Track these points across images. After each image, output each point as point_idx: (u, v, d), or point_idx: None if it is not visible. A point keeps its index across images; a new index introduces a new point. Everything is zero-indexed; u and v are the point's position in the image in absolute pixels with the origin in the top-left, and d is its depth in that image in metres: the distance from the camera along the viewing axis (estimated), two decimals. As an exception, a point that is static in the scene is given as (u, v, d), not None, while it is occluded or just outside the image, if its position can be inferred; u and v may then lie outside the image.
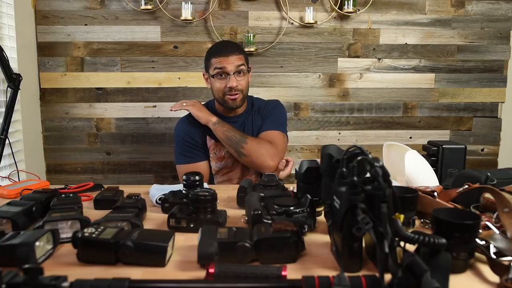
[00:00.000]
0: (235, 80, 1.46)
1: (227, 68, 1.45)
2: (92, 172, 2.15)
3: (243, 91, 1.51)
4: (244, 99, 1.54)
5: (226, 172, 1.56)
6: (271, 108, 1.62)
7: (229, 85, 1.45)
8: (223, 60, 1.45)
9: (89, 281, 0.51)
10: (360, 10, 2.06)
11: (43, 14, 2.01)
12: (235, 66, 1.46)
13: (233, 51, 1.48)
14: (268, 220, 0.75)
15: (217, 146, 1.52)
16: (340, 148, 0.75)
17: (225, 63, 1.45)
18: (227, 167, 1.54)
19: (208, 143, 1.55)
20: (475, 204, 0.89)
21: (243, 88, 1.50)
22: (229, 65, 1.45)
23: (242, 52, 1.53)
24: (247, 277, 0.56)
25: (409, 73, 2.15)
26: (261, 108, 1.62)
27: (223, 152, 1.52)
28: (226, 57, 1.46)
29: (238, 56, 1.48)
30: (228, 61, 1.45)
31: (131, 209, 0.85)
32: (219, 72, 1.46)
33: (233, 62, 1.46)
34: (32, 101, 2.03)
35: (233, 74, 1.45)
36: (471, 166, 2.16)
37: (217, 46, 1.56)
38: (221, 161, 1.53)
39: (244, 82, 1.51)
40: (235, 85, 1.46)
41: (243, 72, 1.49)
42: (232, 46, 1.53)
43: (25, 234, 0.66)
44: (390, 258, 0.50)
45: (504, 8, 2.12)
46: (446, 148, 1.36)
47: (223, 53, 1.47)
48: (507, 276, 0.58)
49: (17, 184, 1.18)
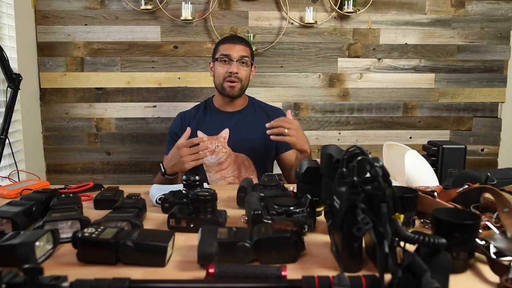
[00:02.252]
0: (237, 67, 1.51)
1: (232, 54, 1.51)
2: (92, 172, 2.15)
3: (242, 81, 1.54)
4: (242, 90, 1.56)
5: (218, 170, 1.53)
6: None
7: (230, 70, 1.50)
8: (230, 46, 1.52)
9: (89, 281, 0.51)
10: (360, 10, 2.06)
11: (43, 14, 2.01)
12: (240, 55, 1.51)
13: (241, 42, 1.56)
14: (268, 220, 0.75)
15: (209, 139, 1.52)
16: (340, 148, 0.75)
17: (230, 50, 1.52)
18: (220, 163, 1.52)
19: (200, 136, 1.54)
20: (475, 204, 0.89)
21: (243, 77, 1.54)
22: (234, 52, 1.51)
23: (249, 46, 1.59)
24: (247, 277, 0.56)
25: (409, 73, 2.15)
26: (268, 113, 1.62)
27: (214, 146, 1.51)
28: (233, 45, 1.53)
29: (244, 47, 1.55)
30: (234, 48, 1.52)
31: (131, 209, 0.85)
32: (223, 57, 1.52)
33: (239, 51, 1.52)
34: (32, 101, 2.03)
35: (236, 61, 1.51)
36: (471, 166, 2.16)
37: (227, 36, 1.65)
38: (211, 155, 1.51)
39: (245, 73, 1.55)
40: (236, 71, 1.50)
41: (246, 63, 1.54)
42: (241, 38, 1.61)
43: (25, 234, 0.66)
44: (390, 258, 0.50)
45: (504, 8, 2.12)
46: (446, 148, 1.36)
47: (231, 41, 1.55)
48: (507, 276, 0.58)
49: (17, 184, 1.18)
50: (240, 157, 1.56)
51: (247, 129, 1.58)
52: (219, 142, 1.52)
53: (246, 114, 1.62)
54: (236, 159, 1.55)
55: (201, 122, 1.59)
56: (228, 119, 1.59)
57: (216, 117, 1.60)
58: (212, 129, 1.56)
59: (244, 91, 1.59)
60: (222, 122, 1.58)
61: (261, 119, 1.60)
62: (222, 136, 1.54)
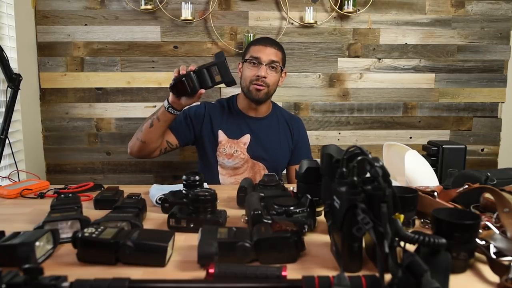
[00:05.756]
0: (265, 71, 1.45)
1: (262, 57, 1.46)
2: (92, 172, 2.15)
3: (270, 87, 1.49)
4: (268, 96, 1.52)
5: (233, 174, 1.51)
6: (303, 132, 1.65)
7: (258, 73, 1.45)
8: (261, 49, 1.47)
9: (89, 281, 0.51)
10: (360, 10, 2.06)
11: (43, 14, 2.01)
12: (270, 59, 1.46)
13: (273, 45, 1.50)
14: (268, 220, 0.75)
15: (228, 142, 1.50)
16: (340, 148, 0.75)
17: (261, 52, 1.46)
18: (236, 168, 1.50)
19: (219, 137, 1.52)
20: (475, 204, 0.89)
21: (270, 83, 1.48)
22: (265, 55, 1.46)
23: (282, 51, 1.54)
24: (247, 277, 0.56)
25: (409, 73, 2.15)
26: (289, 122, 1.62)
27: (233, 150, 1.49)
28: (264, 47, 1.48)
29: (276, 51, 1.49)
30: (265, 51, 1.46)
31: (131, 209, 0.85)
32: (253, 59, 1.47)
33: (269, 55, 1.47)
34: (32, 101, 2.03)
35: (265, 65, 1.46)
36: (471, 166, 2.16)
37: (260, 37, 1.60)
38: (229, 158, 1.49)
39: (274, 78, 1.49)
40: (264, 75, 1.45)
41: (276, 68, 1.49)
42: (274, 42, 1.55)
43: (25, 234, 0.66)
44: (390, 258, 0.50)
45: (504, 8, 2.12)
46: (446, 148, 1.36)
47: (263, 43, 1.49)
48: (507, 276, 0.58)
49: (17, 184, 1.18)
50: (257, 166, 1.54)
51: (269, 138, 1.55)
52: (239, 147, 1.49)
53: (269, 123, 1.58)
54: (253, 166, 1.53)
55: (224, 121, 1.54)
56: (251, 125, 1.55)
57: (239, 120, 1.56)
58: (233, 131, 1.52)
59: (270, 97, 1.55)
60: (244, 127, 1.54)
61: (283, 129, 1.59)
62: (243, 142, 1.51)
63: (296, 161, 1.60)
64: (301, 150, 1.62)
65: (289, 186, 1.04)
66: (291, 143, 1.61)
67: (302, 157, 1.58)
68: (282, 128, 1.59)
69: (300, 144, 1.62)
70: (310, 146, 1.72)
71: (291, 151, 1.61)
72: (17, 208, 1.02)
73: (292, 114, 1.71)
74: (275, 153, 1.56)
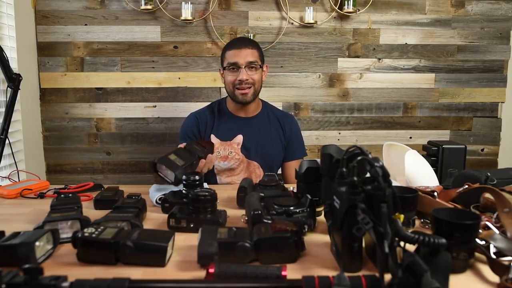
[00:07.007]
0: (246, 74, 1.46)
1: (239, 61, 1.46)
2: (92, 172, 2.15)
3: (255, 85, 1.49)
4: (255, 94, 1.52)
5: (229, 175, 1.52)
6: (295, 129, 1.64)
7: (239, 78, 1.45)
8: (236, 53, 1.47)
9: (89, 281, 0.51)
10: (360, 10, 2.06)
11: (43, 14, 2.01)
12: (247, 61, 1.46)
13: (247, 45, 1.49)
14: (268, 220, 0.75)
15: (222, 145, 1.51)
16: (340, 148, 0.75)
17: (237, 57, 1.46)
18: (232, 168, 1.51)
19: (213, 141, 1.52)
20: (475, 204, 0.89)
21: (254, 81, 1.48)
22: (241, 58, 1.46)
23: (257, 47, 1.53)
24: (247, 277, 0.56)
25: (409, 73, 2.15)
26: (281, 120, 1.62)
27: (227, 152, 1.50)
28: (239, 50, 1.47)
29: (251, 50, 1.48)
30: (240, 54, 1.46)
31: (131, 209, 0.85)
32: (231, 64, 1.47)
33: (245, 57, 1.46)
34: (32, 101, 2.03)
35: (244, 68, 1.45)
36: (471, 166, 2.16)
37: (232, 41, 1.58)
38: (224, 161, 1.50)
39: (256, 77, 1.49)
40: (245, 78, 1.45)
41: (255, 67, 1.48)
42: (246, 40, 1.55)
43: (25, 234, 0.66)
44: (390, 258, 0.50)
45: (504, 8, 2.12)
46: (446, 148, 1.36)
47: (237, 46, 1.48)
48: (507, 276, 0.58)
49: (17, 184, 1.18)
50: (252, 165, 1.54)
51: (261, 137, 1.56)
52: (233, 148, 1.50)
53: (260, 121, 1.59)
54: (248, 166, 1.54)
55: (216, 126, 1.56)
56: (242, 125, 1.55)
57: (230, 122, 1.57)
58: (225, 134, 1.53)
59: (257, 95, 1.55)
60: (235, 128, 1.55)
61: (274, 127, 1.59)
62: (236, 142, 1.52)
63: (290, 158, 1.60)
64: (294, 146, 1.62)
65: (289, 186, 1.04)
66: (284, 139, 1.61)
67: (296, 153, 1.59)
68: (273, 125, 1.60)
69: (293, 141, 1.62)
70: (310, 146, 1.72)
71: (284, 148, 1.61)
72: (17, 208, 1.02)
73: (284, 112, 1.70)
74: (268, 151, 1.57)
